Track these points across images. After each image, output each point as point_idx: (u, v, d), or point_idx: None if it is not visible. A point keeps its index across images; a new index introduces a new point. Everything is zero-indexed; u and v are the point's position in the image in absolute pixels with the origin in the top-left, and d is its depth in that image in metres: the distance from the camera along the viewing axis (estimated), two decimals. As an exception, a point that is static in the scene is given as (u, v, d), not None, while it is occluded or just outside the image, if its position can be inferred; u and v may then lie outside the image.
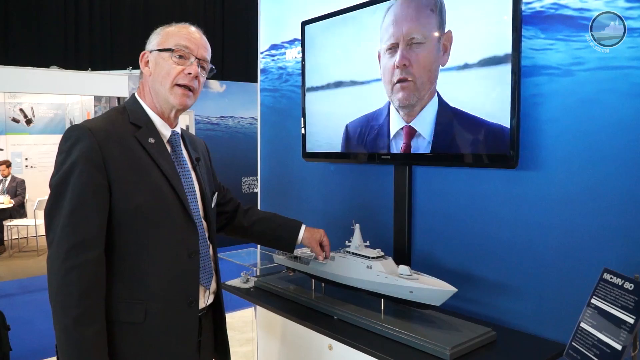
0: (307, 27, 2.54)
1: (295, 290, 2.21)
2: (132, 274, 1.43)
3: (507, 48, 1.74)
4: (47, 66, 6.61)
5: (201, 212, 1.62)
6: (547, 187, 1.77)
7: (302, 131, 2.60)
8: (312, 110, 2.55)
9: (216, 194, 1.80)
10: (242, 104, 7.89)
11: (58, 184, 1.37)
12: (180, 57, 1.53)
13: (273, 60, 3.03)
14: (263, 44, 3.11)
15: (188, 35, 1.56)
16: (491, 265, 1.94)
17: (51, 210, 1.38)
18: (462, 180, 2.03)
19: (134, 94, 1.62)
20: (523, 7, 1.76)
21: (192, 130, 7.45)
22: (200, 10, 9.18)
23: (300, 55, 2.71)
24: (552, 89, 1.74)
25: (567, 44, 1.69)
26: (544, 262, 1.78)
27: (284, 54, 2.94)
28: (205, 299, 1.63)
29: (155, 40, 1.55)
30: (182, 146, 1.65)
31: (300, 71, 2.61)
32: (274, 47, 3.03)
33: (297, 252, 2.30)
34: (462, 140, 1.91)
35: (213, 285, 1.67)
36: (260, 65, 3.13)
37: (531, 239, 1.81)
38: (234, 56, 9.55)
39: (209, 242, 1.64)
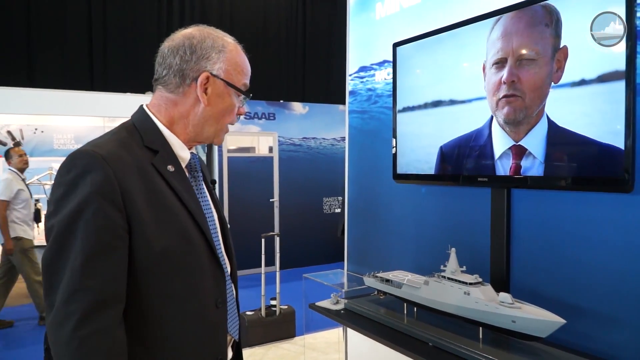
0: (398, 49, 2.54)
1: (387, 314, 2.17)
2: (154, 334, 1.15)
3: (620, 63, 1.63)
4: (143, 92, 7.07)
5: (222, 247, 1.36)
6: (667, 213, 1.63)
7: (393, 151, 2.58)
8: (403, 131, 2.53)
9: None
10: (324, 125, 8.00)
11: (62, 228, 1.06)
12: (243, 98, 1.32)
13: (362, 82, 3.05)
14: (352, 66, 3.14)
15: (250, 71, 1.33)
16: (602, 297, 1.80)
17: (53, 262, 1.06)
18: (566, 204, 1.92)
19: (142, 107, 1.30)
20: (637, 22, 1.65)
21: (276, 152, 7.63)
22: (282, 32, 9.46)
23: (390, 76, 2.71)
24: (671, 107, 1.61)
25: (691, 58, 1.57)
26: (665, 295, 1.63)
27: (373, 75, 2.95)
28: (228, 351, 1.37)
29: (220, 62, 1.25)
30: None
31: (391, 92, 2.60)
32: (362, 69, 3.05)
33: (389, 275, 2.27)
34: (571, 162, 1.80)
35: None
36: (348, 87, 3.16)
37: (649, 269, 1.67)
38: (316, 78, 9.73)
39: (231, 281, 1.38)
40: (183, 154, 1.27)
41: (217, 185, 6.82)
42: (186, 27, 1.29)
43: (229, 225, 1.45)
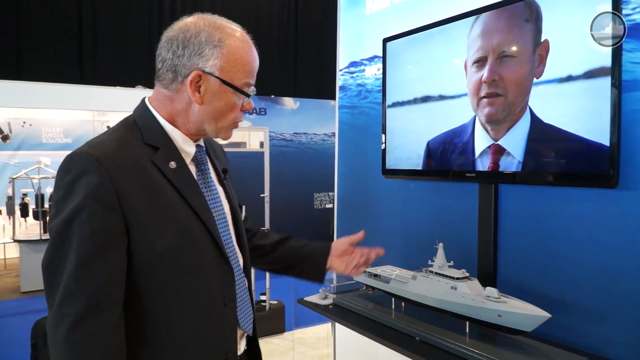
0: (388, 44, 2.54)
1: (374, 309, 2.18)
2: (159, 335, 1.14)
3: (606, 61, 1.65)
4: (133, 86, 7.02)
5: (234, 240, 1.32)
6: (651, 208, 1.65)
7: (383, 147, 2.59)
8: (393, 127, 2.53)
9: (244, 207, 1.50)
10: (316, 121, 8.01)
11: (59, 231, 1.05)
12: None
13: (352, 77, 3.05)
14: (342, 62, 3.14)
15: (255, 67, 1.23)
16: (587, 292, 1.82)
17: (51, 263, 1.05)
18: (553, 200, 1.94)
19: (143, 101, 1.25)
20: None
21: (266, 147, 7.61)
22: (274, 27, 9.43)
23: (380, 72, 2.71)
24: (656, 104, 1.63)
25: (675, 56, 1.58)
26: (648, 290, 1.65)
27: (364, 71, 2.95)
28: (241, 345, 1.34)
29: (214, 59, 1.16)
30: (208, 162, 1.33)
31: (381, 88, 2.61)
32: (353, 64, 3.05)
33: (378, 270, 2.28)
34: (556, 159, 1.82)
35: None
36: (338, 83, 3.16)
37: (632, 264, 1.69)
38: (307, 73, 9.71)
39: (244, 274, 1.34)
40: (187, 148, 1.23)
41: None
42: (189, 15, 1.21)
43: (243, 215, 1.41)
